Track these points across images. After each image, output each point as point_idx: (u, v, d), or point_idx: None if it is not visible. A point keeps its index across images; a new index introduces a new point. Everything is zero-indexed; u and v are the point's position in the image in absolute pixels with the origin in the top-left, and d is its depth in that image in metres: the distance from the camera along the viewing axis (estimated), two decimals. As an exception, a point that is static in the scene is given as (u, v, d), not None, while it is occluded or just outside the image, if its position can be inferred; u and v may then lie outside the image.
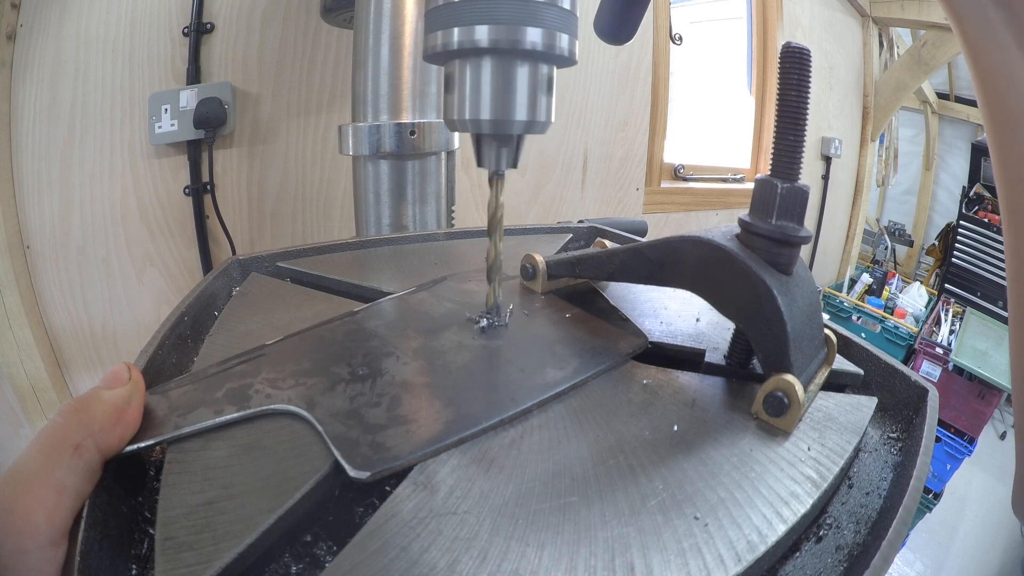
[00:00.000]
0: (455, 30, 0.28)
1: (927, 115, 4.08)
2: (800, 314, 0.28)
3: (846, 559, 0.23)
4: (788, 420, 0.27)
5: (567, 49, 0.29)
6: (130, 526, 0.22)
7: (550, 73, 0.30)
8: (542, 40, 0.28)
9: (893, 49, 2.96)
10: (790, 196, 0.28)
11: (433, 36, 0.29)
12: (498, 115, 0.29)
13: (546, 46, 0.28)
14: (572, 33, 0.29)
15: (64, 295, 0.94)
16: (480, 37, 0.27)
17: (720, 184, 2.02)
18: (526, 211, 1.38)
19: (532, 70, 0.29)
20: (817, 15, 2.38)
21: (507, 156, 0.32)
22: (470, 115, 0.29)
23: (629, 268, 0.36)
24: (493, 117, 0.29)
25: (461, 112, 0.30)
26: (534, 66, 0.29)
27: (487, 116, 0.29)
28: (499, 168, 0.32)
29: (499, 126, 0.29)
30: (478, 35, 0.27)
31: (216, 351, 0.32)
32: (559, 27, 0.28)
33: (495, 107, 0.29)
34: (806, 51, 0.27)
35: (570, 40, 0.29)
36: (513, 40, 0.27)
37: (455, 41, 0.28)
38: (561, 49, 0.29)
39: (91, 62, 0.87)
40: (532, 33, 0.27)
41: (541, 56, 0.29)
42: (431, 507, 0.21)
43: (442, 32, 0.28)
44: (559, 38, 0.28)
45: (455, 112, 0.30)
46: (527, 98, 0.29)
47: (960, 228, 3.47)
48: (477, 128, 0.30)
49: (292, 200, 1.03)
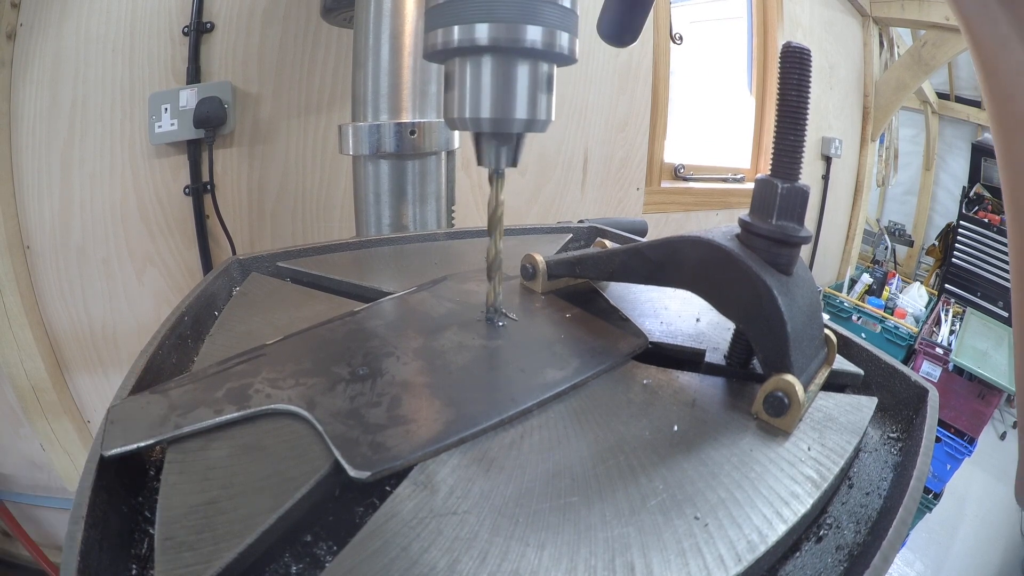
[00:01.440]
0: (455, 28, 0.28)
1: (927, 115, 4.08)
2: (800, 314, 0.28)
3: (846, 559, 0.23)
4: (788, 420, 0.27)
5: (567, 47, 0.29)
6: (130, 526, 0.22)
7: (550, 71, 0.30)
8: (542, 38, 0.28)
9: (893, 49, 2.96)
10: (790, 196, 0.28)
11: (433, 34, 0.29)
12: (498, 113, 0.29)
13: (546, 44, 0.28)
14: (572, 31, 0.29)
15: (64, 295, 0.94)
16: (480, 35, 0.27)
17: (720, 184, 2.02)
18: (526, 211, 1.38)
19: (532, 68, 0.29)
20: (817, 15, 2.38)
21: (507, 154, 0.32)
22: (470, 113, 0.29)
23: (630, 268, 0.36)
24: (493, 115, 0.29)
25: (461, 110, 0.30)
26: (534, 64, 0.29)
27: (487, 115, 0.29)
28: (499, 167, 0.32)
29: (499, 124, 0.29)
30: (478, 33, 0.27)
31: (216, 351, 0.32)
32: (559, 25, 0.28)
33: (495, 105, 0.29)
34: (806, 51, 0.27)
35: (570, 38, 0.29)
36: (513, 38, 0.27)
37: (455, 39, 0.28)
38: (561, 47, 0.28)
39: (91, 61, 0.87)
40: (532, 31, 0.27)
41: (541, 54, 0.29)
42: (431, 507, 0.21)
43: (442, 30, 0.28)
44: (559, 36, 0.28)
45: (455, 110, 0.30)
46: (527, 96, 0.29)
47: (960, 228, 3.48)
48: (477, 127, 0.30)
49: (292, 200, 1.03)
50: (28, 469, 1.02)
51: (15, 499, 1.04)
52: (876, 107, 2.90)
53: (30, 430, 0.97)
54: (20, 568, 1.08)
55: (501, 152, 0.31)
